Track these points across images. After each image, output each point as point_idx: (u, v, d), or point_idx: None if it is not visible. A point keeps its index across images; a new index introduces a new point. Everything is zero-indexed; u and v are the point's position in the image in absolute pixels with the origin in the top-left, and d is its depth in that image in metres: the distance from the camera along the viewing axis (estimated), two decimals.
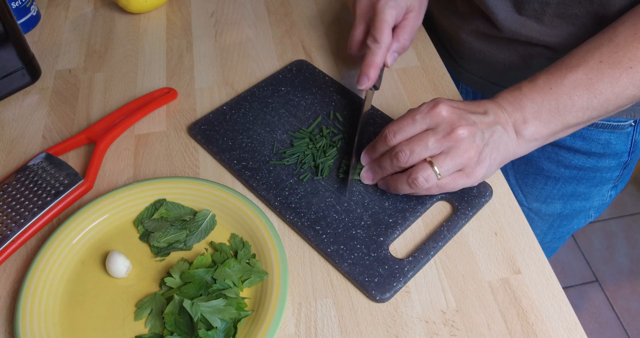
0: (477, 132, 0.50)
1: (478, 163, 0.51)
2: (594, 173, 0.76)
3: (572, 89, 0.51)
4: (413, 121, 0.52)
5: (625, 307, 1.59)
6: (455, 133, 0.49)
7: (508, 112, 0.53)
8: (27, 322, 0.48)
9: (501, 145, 0.52)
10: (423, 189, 0.51)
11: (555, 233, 0.89)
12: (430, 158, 0.50)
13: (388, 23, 0.60)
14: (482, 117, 0.52)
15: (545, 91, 0.52)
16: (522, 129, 0.52)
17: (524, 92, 0.53)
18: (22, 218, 0.55)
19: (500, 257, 0.53)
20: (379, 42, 0.60)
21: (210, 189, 0.56)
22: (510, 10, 0.63)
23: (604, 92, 0.51)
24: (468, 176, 0.51)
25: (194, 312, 0.46)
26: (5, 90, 0.70)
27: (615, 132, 0.71)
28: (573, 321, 0.48)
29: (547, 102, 0.52)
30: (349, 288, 0.51)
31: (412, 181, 0.50)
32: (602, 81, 0.51)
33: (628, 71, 0.50)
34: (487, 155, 0.51)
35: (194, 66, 0.74)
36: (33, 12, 0.80)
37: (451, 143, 0.50)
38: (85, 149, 0.64)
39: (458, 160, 0.50)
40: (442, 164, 0.50)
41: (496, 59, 0.71)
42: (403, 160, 0.51)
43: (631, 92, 0.51)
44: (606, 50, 0.51)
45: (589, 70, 0.51)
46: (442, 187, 0.51)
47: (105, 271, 0.52)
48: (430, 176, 0.50)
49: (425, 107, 0.52)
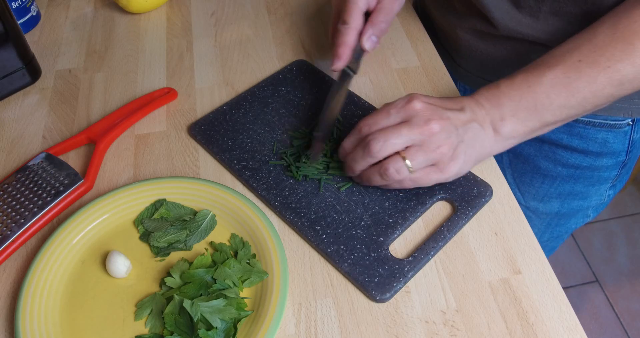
0: (450, 127, 0.51)
1: (452, 159, 0.51)
2: (591, 172, 0.76)
3: (550, 87, 0.51)
4: (387, 114, 0.52)
5: (625, 307, 1.59)
6: (428, 126, 0.50)
7: (486, 110, 0.53)
8: (27, 322, 0.48)
9: (477, 142, 0.52)
10: (395, 182, 0.52)
11: (552, 232, 0.89)
12: (402, 152, 0.50)
13: (357, 6, 0.61)
14: (457, 113, 0.52)
15: (524, 89, 0.52)
16: (499, 127, 0.53)
17: (502, 90, 0.53)
18: (22, 218, 0.55)
19: (500, 257, 0.53)
20: (347, 23, 0.61)
21: (211, 189, 0.56)
22: (507, 8, 0.63)
23: (581, 91, 0.51)
24: (441, 172, 0.51)
25: (194, 312, 0.46)
26: (5, 90, 0.70)
27: (612, 131, 0.71)
28: (573, 321, 0.48)
29: (525, 100, 0.52)
30: (349, 288, 0.51)
31: (384, 171, 0.51)
32: (580, 80, 0.51)
33: (606, 70, 0.50)
34: (462, 152, 0.51)
35: (194, 66, 0.74)
36: (33, 12, 0.80)
37: (424, 136, 0.50)
38: (86, 149, 0.64)
39: (430, 155, 0.50)
40: (414, 157, 0.50)
41: (493, 56, 0.71)
42: (375, 149, 0.51)
43: (609, 91, 0.52)
44: (585, 49, 0.51)
45: (567, 69, 0.51)
46: (415, 181, 0.52)
47: (105, 271, 0.52)
48: (401, 168, 0.50)
49: (401, 102, 0.52)
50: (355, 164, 0.54)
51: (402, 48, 0.75)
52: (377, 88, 0.69)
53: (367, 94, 0.69)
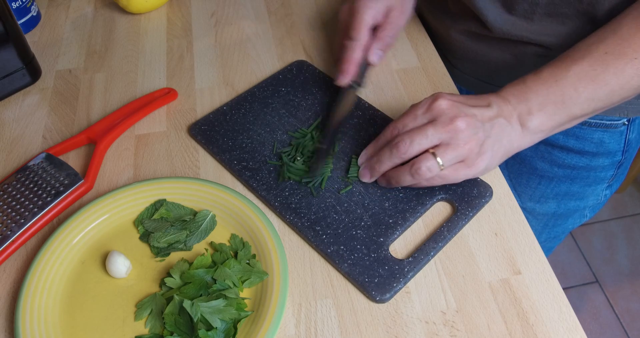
0: (476, 124, 0.51)
1: (479, 154, 0.51)
2: (587, 172, 0.77)
3: (577, 80, 0.51)
4: (414, 116, 0.53)
5: (625, 307, 1.59)
6: (454, 124, 0.50)
7: (512, 105, 0.53)
8: (27, 322, 0.48)
9: (504, 137, 0.52)
10: (425, 180, 0.52)
11: (550, 233, 0.89)
12: (432, 149, 0.51)
13: (365, 22, 0.61)
14: (483, 110, 0.52)
15: (550, 83, 0.52)
16: (527, 121, 0.53)
17: (528, 85, 0.53)
18: (22, 218, 0.55)
19: (500, 258, 0.53)
20: (355, 39, 0.61)
21: (211, 190, 0.56)
22: (500, 11, 0.63)
23: (609, 83, 0.51)
24: (469, 167, 0.52)
25: (194, 312, 0.46)
26: (5, 90, 0.70)
27: (608, 131, 0.71)
28: (573, 322, 0.48)
29: (552, 94, 0.52)
30: (349, 289, 0.51)
31: (415, 170, 0.51)
32: (607, 72, 0.51)
33: (633, 62, 0.51)
34: (489, 147, 0.52)
35: (194, 66, 0.74)
36: (33, 12, 0.80)
37: (450, 134, 0.50)
38: (86, 149, 0.64)
39: (459, 151, 0.50)
40: (444, 154, 0.50)
41: (488, 58, 0.71)
42: (403, 150, 0.51)
43: (636, 82, 0.52)
44: (610, 42, 0.51)
45: (594, 62, 0.51)
46: (444, 177, 0.52)
47: (105, 272, 0.52)
48: (433, 166, 0.51)
49: (426, 102, 0.53)
50: (380, 165, 0.54)
51: (402, 49, 0.75)
52: (377, 89, 0.69)
53: (367, 94, 0.69)
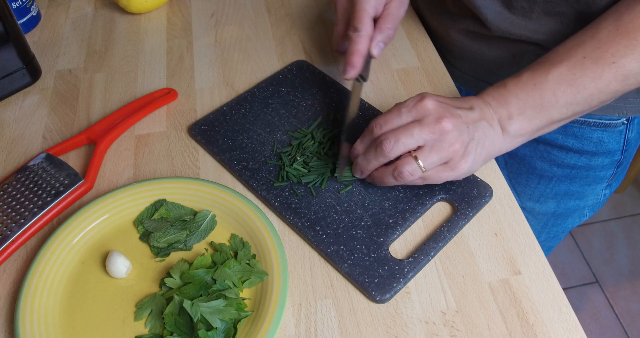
0: (462, 125, 0.51)
1: (463, 156, 0.51)
2: (587, 171, 0.77)
3: (555, 85, 0.52)
4: (399, 113, 0.52)
5: (625, 307, 1.59)
6: (440, 125, 0.50)
7: (493, 108, 0.53)
8: (27, 322, 0.48)
9: (486, 140, 0.52)
10: (408, 182, 0.52)
11: (549, 232, 0.89)
12: (414, 152, 0.50)
13: (367, 12, 0.61)
14: (467, 112, 0.52)
15: (530, 87, 0.52)
16: (507, 125, 0.53)
17: (508, 89, 0.53)
18: (22, 218, 0.55)
19: (500, 258, 0.53)
20: (359, 30, 0.60)
21: (211, 190, 0.56)
22: (499, 9, 0.63)
23: (587, 87, 0.51)
24: (452, 170, 0.52)
25: (194, 313, 0.46)
26: (5, 90, 0.70)
27: (607, 130, 0.71)
28: (573, 322, 0.48)
29: (532, 98, 0.52)
30: (349, 289, 0.51)
31: (398, 174, 0.51)
32: (586, 77, 0.51)
33: (611, 66, 0.51)
34: (473, 149, 0.52)
35: (194, 66, 0.74)
36: (33, 12, 0.80)
37: (436, 136, 0.50)
38: (86, 149, 0.64)
39: (443, 153, 0.50)
40: (427, 158, 0.50)
41: (487, 57, 0.71)
42: (387, 149, 0.51)
43: (614, 87, 0.52)
44: (589, 46, 0.51)
45: (572, 66, 0.51)
46: (426, 179, 0.52)
47: (105, 272, 0.52)
48: (415, 170, 0.51)
49: (412, 101, 0.52)
50: (367, 164, 0.54)
51: (402, 48, 0.75)
52: (377, 88, 0.69)
53: (366, 94, 0.69)
